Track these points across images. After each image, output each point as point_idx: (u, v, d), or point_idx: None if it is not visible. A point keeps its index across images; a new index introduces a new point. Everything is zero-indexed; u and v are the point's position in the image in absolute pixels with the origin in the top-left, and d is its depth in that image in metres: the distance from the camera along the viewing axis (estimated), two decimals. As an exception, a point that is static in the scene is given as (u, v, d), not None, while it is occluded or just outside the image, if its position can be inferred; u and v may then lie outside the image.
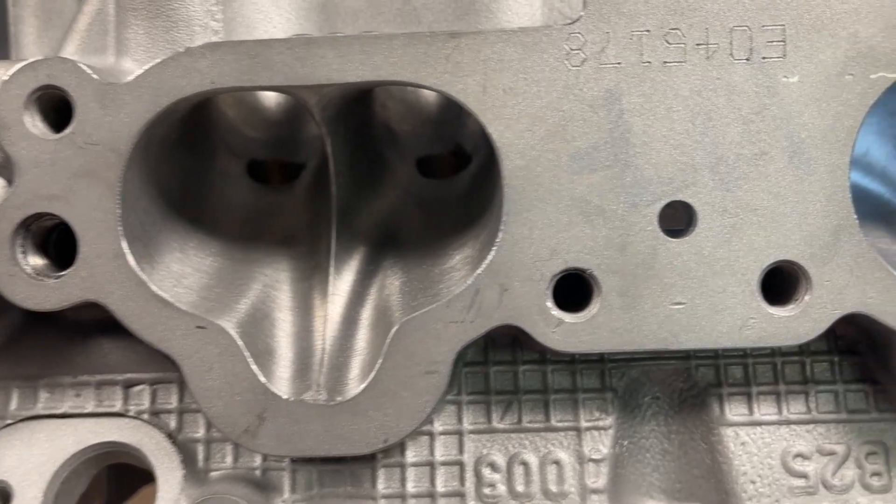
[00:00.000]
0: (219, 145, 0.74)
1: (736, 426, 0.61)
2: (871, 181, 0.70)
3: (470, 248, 0.61)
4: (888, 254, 0.61)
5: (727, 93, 0.55)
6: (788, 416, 0.61)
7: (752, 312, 0.55)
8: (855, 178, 0.70)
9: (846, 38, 0.55)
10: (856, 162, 0.73)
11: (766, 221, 0.55)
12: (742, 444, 0.61)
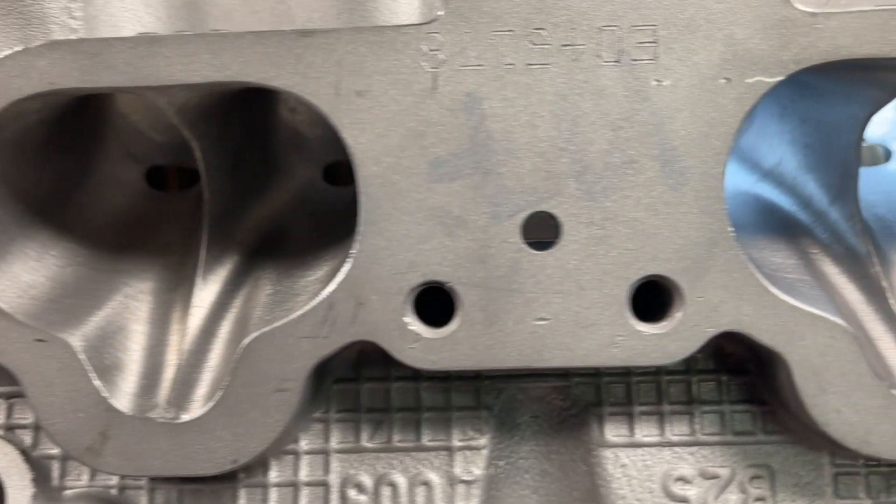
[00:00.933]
0: (114, 149, 0.72)
1: (616, 447, 0.58)
2: (781, 194, 0.67)
3: (336, 260, 0.58)
4: (782, 269, 0.58)
5: (595, 97, 0.52)
6: (671, 438, 0.58)
7: (620, 329, 0.52)
8: (765, 193, 0.68)
9: (722, 40, 0.51)
10: (768, 174, 0.70)
11: (636, 234, 0.52)
12: (622, 467, 0.58)
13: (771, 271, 0.56)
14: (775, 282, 0.55)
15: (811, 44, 0.51)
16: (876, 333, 0.56)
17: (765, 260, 0.58)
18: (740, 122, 0.51)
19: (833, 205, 0.63)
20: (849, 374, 0.52)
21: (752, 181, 0.70)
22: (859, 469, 0.57)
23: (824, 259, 0.60)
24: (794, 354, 0.52)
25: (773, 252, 0.60)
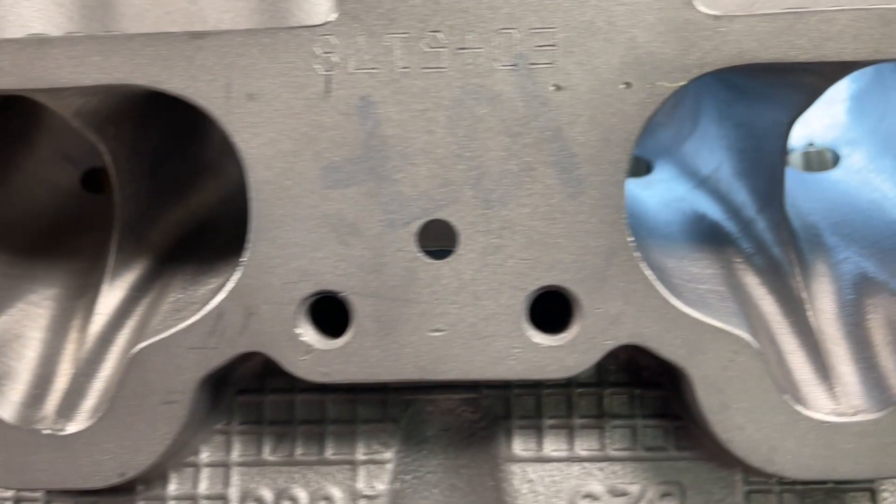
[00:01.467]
0: (47, 151, 0.71)
1: (523, 462, 0.56)
2: (713, 201, 0.65)
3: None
4: (697, 279, 0.56)
5: (491, 102, 0.50)
6: (580, 453, 0.56)
7: (517, 342, 0.51)
8: (697, 200, 0.66)
9: (622, 44, 0.50)
10: (705, 180, 0.68)
11: (533, 243, 0.50)
12: (529, 482, 0.56)
13: (683, 281, 0.55)
14: (684, 293, 0.53)
15: (715, 48, 0.49)
16: (788, 347, 0.54)
17: (682, 269, 0.57)
18: (641, 128, 0.50)
19: (761, 213, 0.61)
20: (752, 389, 0.50)
21: (688, 188, 0.69)
22: (772, 487, 0.55)
23: (746, 269, 0.58)
24: (695, 369, 0.50)
25: (692, 261, 0.58)
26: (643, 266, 0.50)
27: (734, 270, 0.58)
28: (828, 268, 0.58)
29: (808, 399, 0.51)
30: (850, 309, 0.55)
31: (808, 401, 0.51)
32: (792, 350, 0.54)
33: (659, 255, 0.58)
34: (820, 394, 0.52)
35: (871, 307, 0.55)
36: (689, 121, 0.74)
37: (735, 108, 0.65)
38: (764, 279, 0.57)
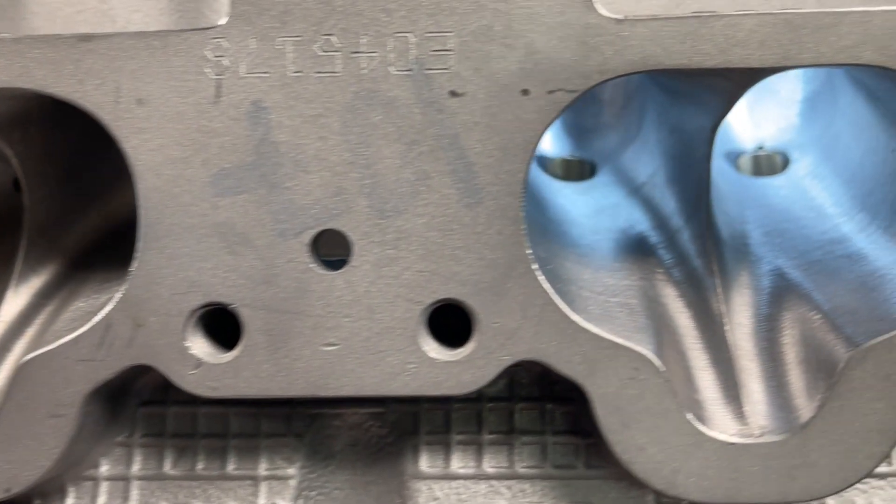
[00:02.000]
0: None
1: (430, 479, 0.55)
2: (643, 210, 0.63)
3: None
4: (609, 291, 0.55)
5: (386, 109, 0.48)
6: (487, 470, 0.54)
7: (412, 357, 0.49)
8: (628, 208, 0.64)
9: (521, 49, 0.48)
10: (640, 187, 0.66)
11: (429, 255, 0.49)
12: (435, 500, 0.54)
13: (594, 293, 0.53)
14: (590, 306, 0.51)
15: (617, 53, 0.47)
16: (699, 364, 0.52)
17: (596, 281, 0.55)
18: (539, 136, 0.48)
19: (689, 222, 0.59)
20: (654, 408, 0.48)
21: (624, 194, 0.67)
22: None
23: (665, 281, 0.56)
24: (594, 386, 0.48)
25: (611, 272, 0.57)
26: (542, 279, 0.48)
27: (654, 282, 0.57)
28: (750, 280, 0.56)
29: (715, 419, 0.49)
30: (767, 324, 0.53)
31: (714, 420, 0.49)
32: (703, 367, 0.52)
33: (576, 264, 0.56)
34: (727, 413, 0.50)
35: (787, 322, 0.53)
36: (634, 124, 0.72)
37: (669, 111, 0.63)
38: (682, 292, 0.56)
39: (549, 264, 0.52)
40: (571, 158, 0.73)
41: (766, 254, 0.57)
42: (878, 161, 0.59)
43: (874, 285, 0.52)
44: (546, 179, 0.71)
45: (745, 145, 0.74)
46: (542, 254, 0.53)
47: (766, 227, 0.61)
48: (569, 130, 0.76)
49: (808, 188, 0.65)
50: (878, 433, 0.48)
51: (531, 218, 0.58)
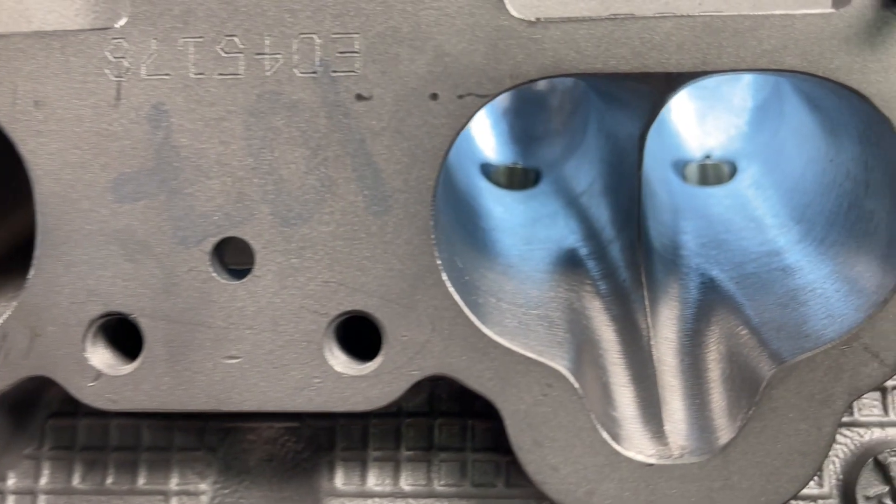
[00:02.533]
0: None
1: (345, 497, 0.53)
2: (579, 221, 0.61)
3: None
4: (531, 304, 0.53)
5: (290, 112, 0.47)
6: (404, 488, 0.52)
7: (317, 371, 0.47)
8: (566, 220, 0.62)
9: (430, 52, 0.46)
10: (579, 196, 0.64)
11: (335, 264, 0.47)
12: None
13: (513, 306, 0.51)
14: (506, 319, 0.50)
15: (529, 57, 0.45)
16: (621, 379, 0.50)
17: (519, 293, 0.53)
18: (450, 143, 0.46)
19: (621, 233, 0.57)
20: (567, 427, 0.46)
21: (563, 203, 0.65)
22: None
23: (593, 294, 0.54)
24: (506, 403, 0.46)
25: (536, 284, 0.55)
26: (453, 291, 0.46)
27: (581, 295, 0.55)
28: (680, 293, 0.54)
29: (632, 438, 0.47)
30: (693, 339, 0.51)
31: (632, 440, 0.47)
32: (624, 383, 0.50)
33: (501, 275, 0.55)
34: (646, 433, 0.48)
35: (714, 338, 0.51)
36: (580, 132, 0.70)
37: (605, 118, 0.61)
38: (608, 305, 0.54)
39: (468, 275, 0.50)
40: (515, 166, 0.71)
41: (699, 266, 0.55)
42: (817, 171, 0.57)
43: (804, 300, 0.50)
44: (488, 187, 0.69)
45: (694, 154, 0.72)
46: (461, 264, 0.51)
47: (703, 238, 0.59)
48: (516, 137, 0.74)
49: (751, 198, 0.63)
50: (802, 455, 0.45)
51: (461, 226, 0.57)
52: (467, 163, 0.69)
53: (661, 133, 0.71)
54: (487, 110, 0.71)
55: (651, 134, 0.71)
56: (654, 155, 0.69)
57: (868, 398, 0.51)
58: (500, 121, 0.75)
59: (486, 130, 0.73)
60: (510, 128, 0.75)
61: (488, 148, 0.73)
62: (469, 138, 0.71)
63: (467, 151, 0.69)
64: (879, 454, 0.49)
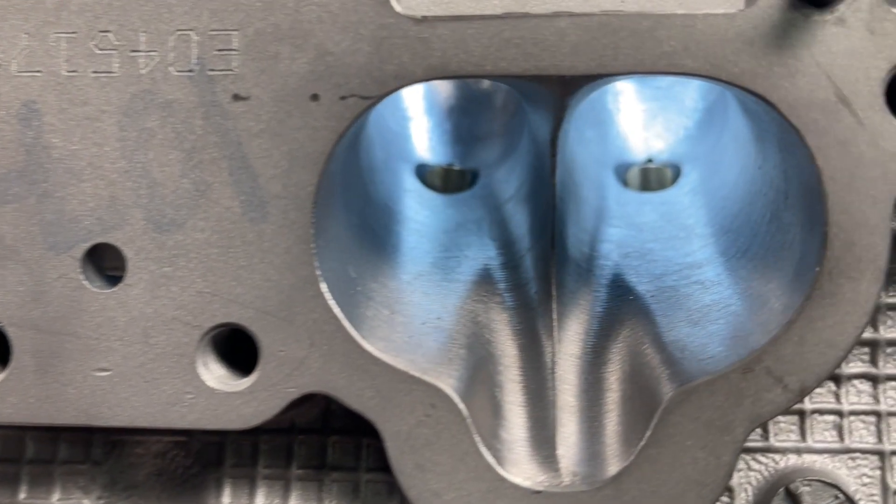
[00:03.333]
0: None
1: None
2: (500, 228, 0.58)
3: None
4: (430, 317, 0.50)
5: (165, 112, 0.44)
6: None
7: (190, 387, 0.45)
8: (489, 226, 0.59)
9: (312, 50, 0.43)
10: (506, 203, 0.61)
11: (210, 273, 0.44)
12: (236, 540, 0.50)
13: (408, 318, 0.48)
14: (395, 333, 0.47)
15: (415, 57, 0.43)
16: (516, 399, 0.47)
17: (418, 305, 0.50)
18: (331, 146, 0.43)
19: (538, 242, 0.54)
20: (451, 450, 0.43)
21: (490, 208, 0.62)
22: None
23: (499, 307, 0.52)
24: (387, 424, 0.44)
25: (441, 296, 0.52)
26: (333, 304, 0.44)
27: (489, 307, 0.52)
28: (591, 306, 0.51)
29: (521, 463, 0.44)
30: (598, 356, 0.49)
31: (521, 465, 0.44)
32: (520, 402, 0.47)
33: (406, 285, 0.52)
34: (537, 457, 0.45)
35: (618, 356, 0.48)
36: (518, 133, 0.67)
37: (531, 119, 0.58)
38: (515, 318, 0.51)
39: (361, 286, 0.48)
40: (451, 168, 0.68)
41: (616, 278, 0.53)
42: (748, 180, 0.54)
43: (714, 317, 0.47)
44: (419, 189, 0.66)
45: (640, 157, 0.69)
46: (354, 274, 0.48)
47: (629, 248, 0.56)
48: (459, 137, 0.72)
49: (687, 206, 0.60)
50: (699, 485, 0.43)
51: (370, 231, 0.54)
52: (398, 163, 0.66)
53: (605, 135, 0.69)
54: (429, 108, 0.69)
55: (592, 136, 0.69)
56: (596, 158, 0.66)
57: (785, 422, 0.48)
58: (444, 120, 0.72)
59: (425, 130, 0.71)
60: (454, 127, 0.72)
61: (425, 148, 0.70)
62: (406, 138, 0.69)
63: (401, 151, 0.67)
64: (791, 483, 0.46)
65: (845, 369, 0.48)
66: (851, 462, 0.48)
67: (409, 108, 0.69)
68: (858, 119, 0.41)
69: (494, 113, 0.71)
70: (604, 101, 0.69)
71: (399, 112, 0.68)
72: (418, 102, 0.69)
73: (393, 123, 0.68)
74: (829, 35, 0.41)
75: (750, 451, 0.48)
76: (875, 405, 0.48)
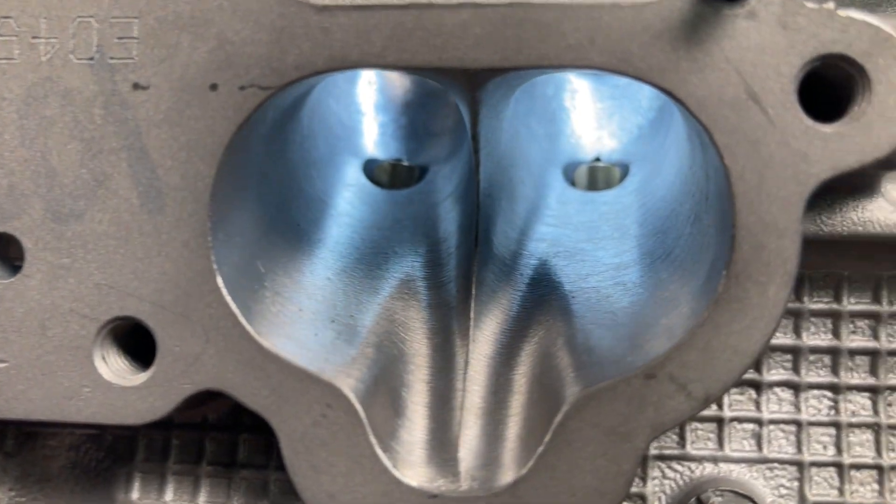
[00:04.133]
0: None
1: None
2: (435, 225, 0.57)
3: None
4: (342, 313, 0.49)
5: (64, 101, 0.43)
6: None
7: (87, 380, 0.44)
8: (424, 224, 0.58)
9: (213, 40, 0.42)
10: (444, 200, 0.60)
11: (107, 266, 0.43)
12: (143, 537, 0.50)
13: (315, 315, 0.47)
14: (298, 331, 0.46)
15: (316, 47, 0.42)
16: (422, 400, 0.46)
17: (330, 301, 0.49)
18: (230, 137, 0.42)
19: (465, 240, 0.53)
20: (347, 451, 0.42)
21: (430, 205, 0.61)
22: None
23: (418, 306, 0.50)
24: (282, 423, 0.43)
25: (358, 292, 0.50)
26: (229, 300, 0.43)
27: (408, 305, 0.51)
28: (509, 306, 0.50)
29: (420, 465, 0.43)
30: (510, 357, 0.47)
31: (418, 468, 0.43)
32: (426, 403, 0.46)
33: (324, 281, 0.51)
34: (438, 459, 0.44)
35: (530, 356, 0.47)
36: (463, 130, 0.66)
37: (462, 114, 0.57)
38: (432, 318, 0.50)
39: (269, 281, 0.47)
40: (399, 163, 0.67)
41: (541, 277, 0.51)
42: (682, 180, 0.53)
43: (625, 321, 0.45)
44: (364, 184, 0.65)
45: (590, 156, 0.68)
46: (263, 269, 0.47)
47: (560, 247, 0.54)
48: (413, 133, 0.70)
49: (627, 205, 0.59)
50: (599, 494, 0.41)
51: (295, 226, 0.53)
52: (345, 157, 0.65)
53: (558, 133, 0.67)
54: (385, 103, 0.68)
55: (544, 134, 0.67)
56: (546, 156, 0.65)
57: (703, 430, 0.47)
58: (399, 115, 0.71)
59: (378, 125, 0.70)
60: (409, 122, 0.71)
61: (376, 143, 0.69)
62: (358, 132, 0.68)
63: (349, 146, 0.66)
64: (703, 493, 0.45)
65: (766, 376, 0.47)
66: (769, 472, 0.46)
67: (363, 102, 0.68)
68: (769, 117, 0.40)
69: (450, 108, 0.70)
70: (560, 99, 0.68)
71: (353, 106, 0.67)
72: (372, 97, 0.68)
73: (346, 117, 0.67)
74: (739, 29, 0.39)
75: (665, 459, 0.47)
76: (796, 414, 0.46)
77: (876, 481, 0.46)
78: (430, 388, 0.47)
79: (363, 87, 0.68)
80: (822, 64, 0.39)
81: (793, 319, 0.47)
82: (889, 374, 0.46)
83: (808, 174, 0.40)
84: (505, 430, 0.45)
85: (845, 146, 0.39)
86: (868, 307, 0.46)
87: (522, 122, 0.66)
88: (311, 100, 0.58)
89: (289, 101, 0.50)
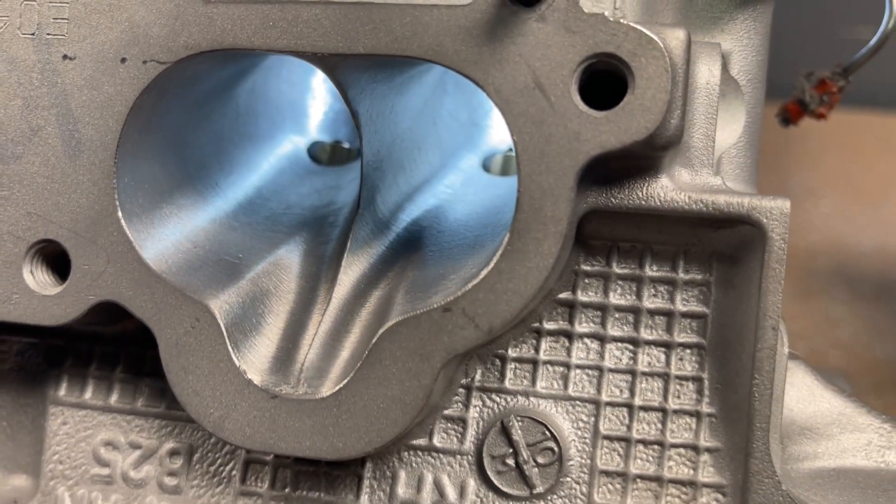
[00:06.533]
0: None
1: (64, 406, 0.60)
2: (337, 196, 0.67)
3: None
4: (231, 254, 0.59)
5: (11, 66, 0.55)
6: (113, 405, 0.60)
7: (17, 288, 0.55)
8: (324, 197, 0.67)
9: (125, 22, 0.53)
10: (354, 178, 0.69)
11: (36, 199, 0.55)
12: (65, 425, 0.60)
13: (209, 253, 0.57)
14: (190, 261, 0.56)
15: (200, 31, 0.52)
16: (279, 324, 0.56)
17: (229, 246, 0.59)
18: (132, 101, 0.53)
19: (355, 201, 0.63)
20: (210, 357, 0.53)
21: (348, 179, 0.71)
22: (268, 460, 0.57)
23: (300, 254, 0.60)
24: (162, 332, 0.53)
25: (250, 240, 0.60)
26: (126, 231, 0.53)
27: (290, 254, 0.60)
28: (373, 259, 0.59)
29: (268, 373, 0.53)
30: (359, 299, 0.57)
31: (268, 375, 0.53)
32: (282, 328, 0.56)
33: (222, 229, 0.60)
34: (282, 369, 0.54)
35: (373, 300, 0.56)
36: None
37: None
38: (307, 264, 0.59)
39: (171, 221, 0.57)
40: (338, 145, 0.77)
41: (411, 239, 0.60)
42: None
43: (451, 274, 0.54)
44: (300, 160, 0.75)
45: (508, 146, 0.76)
46: (167, 212, 0.58)
47: (443, 219, 0.63)
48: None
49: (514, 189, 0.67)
50: (402, 403, 0.50)
51: (213, 184, 0.63)
52: (286, 135, 0.75)
53: (481, 121, 0.76)
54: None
55: (464, 119, 0.76)
56: (464, 140, 0.74)
57: (520, 369, 0.55)
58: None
59: (325, 107, 0.80)
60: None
61: (319, 124, 0.79)
62: (306, 115, 0.78)
63: (294, 126, 0.76)
64: (505, 418, 0.54)
65: (577, 328, 0.55)
66: (571, 408, 0.54)
67: (317, 88, 0.78)
68: (551, 103, 0.48)
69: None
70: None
71: (308, 92, 0.77)
72: (326, 84, 0.78)
73: (298, 101, 0.77)
74: (531, 30, 0.48)
75: (486, 391, 0.55)
76: (599, 362, 0.54)
77: (660, 421, 0.53)
78: (290, 317, 0.57)
79: (320, 75, 0.78)
80: (597, 61, 0.48)
81: (602, 281, 0.55)
82: (682, 333, 0.54)
83: (579, 151, 0.48)
84: (342, 351, 0.54)
85: (610, 129, 0.47)
86: (667, 274, 0.54)
87: (447, 110, 0.75)
88: (252, 82, 0.69)
89: (214, 82, 0.61)
